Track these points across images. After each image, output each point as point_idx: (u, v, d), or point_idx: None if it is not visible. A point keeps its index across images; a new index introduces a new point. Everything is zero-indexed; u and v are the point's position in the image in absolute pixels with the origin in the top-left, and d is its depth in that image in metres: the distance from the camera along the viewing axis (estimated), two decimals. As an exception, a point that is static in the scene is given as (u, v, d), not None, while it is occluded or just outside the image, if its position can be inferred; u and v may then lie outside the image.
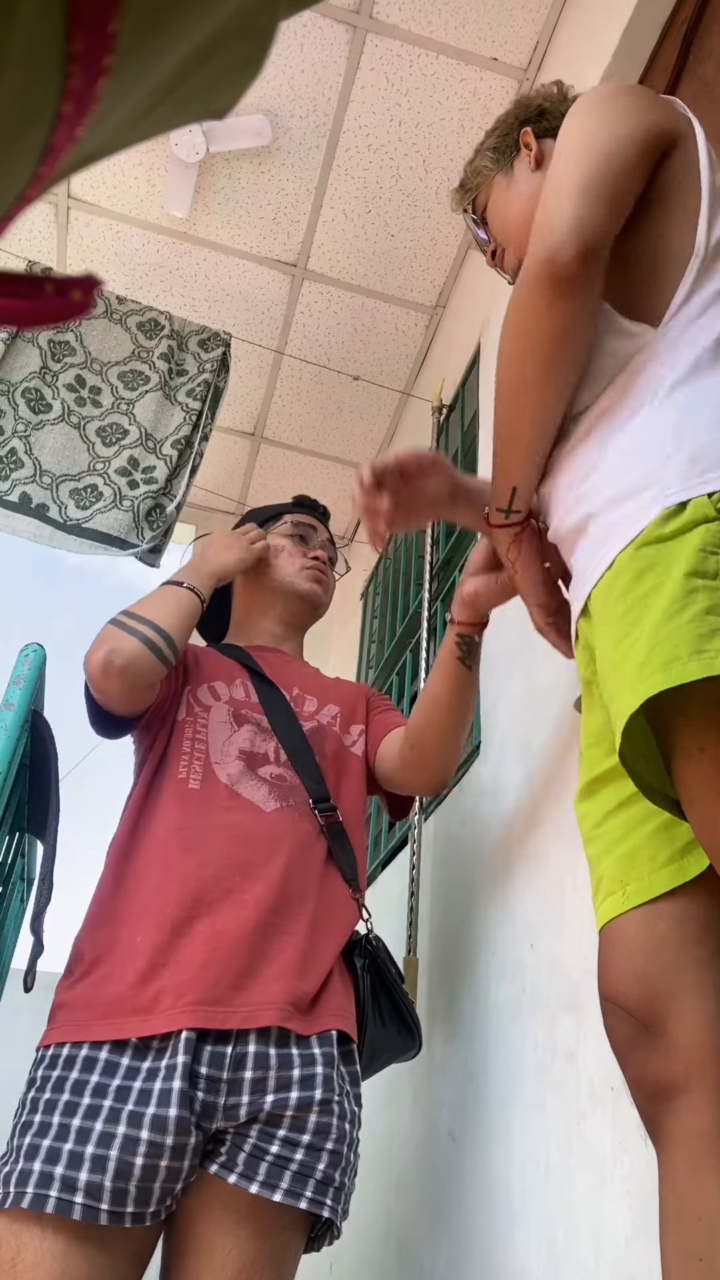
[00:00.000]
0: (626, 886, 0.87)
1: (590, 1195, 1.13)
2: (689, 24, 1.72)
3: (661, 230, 0.96)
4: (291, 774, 1.42)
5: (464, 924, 1.73)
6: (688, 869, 0.84)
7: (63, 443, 2.58)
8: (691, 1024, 0.79)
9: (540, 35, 2.31)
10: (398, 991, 1.41)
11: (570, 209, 0.90)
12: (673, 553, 0.78)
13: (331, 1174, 1.15)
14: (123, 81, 0.20)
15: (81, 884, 1.43)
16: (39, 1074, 1.17)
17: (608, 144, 0.93)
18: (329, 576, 1.71)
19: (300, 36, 2.39)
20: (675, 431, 0.84)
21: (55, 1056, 1.17)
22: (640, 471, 0.85)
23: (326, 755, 1.49)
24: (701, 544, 0.77)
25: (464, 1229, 1.47)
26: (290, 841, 1.33)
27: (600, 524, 0.89)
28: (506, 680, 1.80)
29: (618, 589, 0.82)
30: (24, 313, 0.21)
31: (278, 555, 1.68)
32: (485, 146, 1.27)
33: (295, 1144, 1.14)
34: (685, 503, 0.80)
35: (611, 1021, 0.86)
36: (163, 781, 1.39)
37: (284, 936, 1.25)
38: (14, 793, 1.54)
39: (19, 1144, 1.10)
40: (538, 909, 1.43)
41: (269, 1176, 1.11)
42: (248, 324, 3.12)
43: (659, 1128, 0.80)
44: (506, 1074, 1.43)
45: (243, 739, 1.44)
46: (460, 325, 2.81)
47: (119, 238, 2.93)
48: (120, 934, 1.25)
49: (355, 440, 3.55)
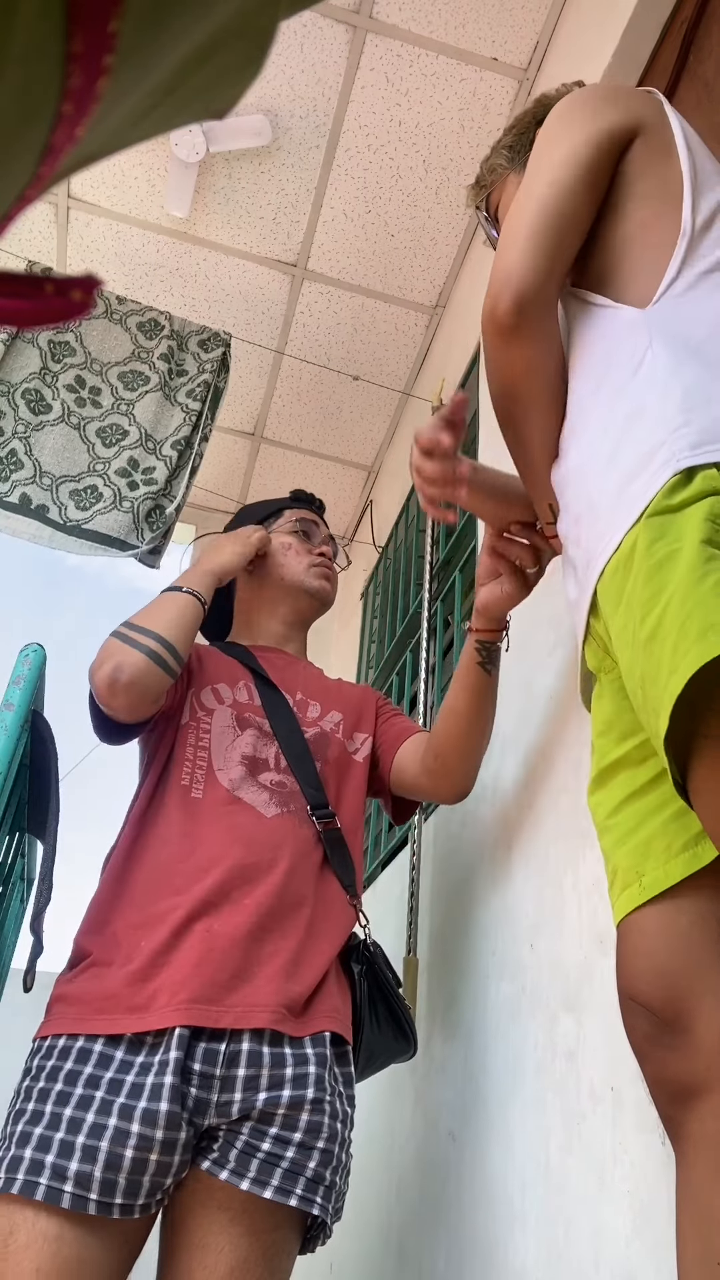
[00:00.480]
0: (643, 878, 0.85)
1: (590, 1195, 1.13)
2: (689, 24, 1.72)
3: (642, 216, 0.98)
4: (291, 780, 1.43)
5: (464, 924, 1.73)
6: (701, 856, 0.82)
7: (63, 444, 2.58)
8: (716, 1023, 0.78)
9: (540, 35, 2.31)
10: (394, 996, 1.42)
11: (510, 260, 0.96)
12: (683, 523, 0.77)
13: (322, 1172, 1.15)
14: (123, 81, 0.20)
15: (81, 884, 1.43)
16: (34, 1063, 1.18)
17: (547, 186, 0.98)
18: (334, 572, 1.72)
19: (300, 36, 2.39)
20: (680, 407, 0.83)
21: (51, 1047, 1.18)
22: (643, 450, 0.84)
23: (329, 762, 1.49)
24: (710, 514, 0.76)
25: (464, 1229, 1.47)
26: (290, 847, 1.34)
27: (603, 509, 0.88)
28: (506, 681, 1.80)
29: (634, 564, 0.80)
30: (24, 313, 0.21)
31: (285, 553, 1.67)
32: (502, 144, 1.28)
33: (287, 1142, 1.14)
34: (693, 474, 0.79)
35: (631, 1019, 0.85)
36: (166, 787, 1.39)
37: (279, 940, 1.26)
38: (14, 793, 1.54)
39: (12, 1130, 1.12)
40: (538, 909, 1.43)
41: (260, 1173, 1.12)
42: (248, 324, 3.12)
43: (679, 1128, 0.79)
44: (506, 1074, 1.43)
45: (245, 744, 1.44)
46: (460, 325, 2.81)
47: (119, 238, 2.93)
48: (121, 935, 1.26)
49: (355, 440, 3.55)
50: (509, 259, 0.97)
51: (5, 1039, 2.66)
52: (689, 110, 1.65)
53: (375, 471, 3.68)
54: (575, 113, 1.02)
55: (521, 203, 0.99)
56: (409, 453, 3.29)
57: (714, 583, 0.71)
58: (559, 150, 1.00)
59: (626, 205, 1.00)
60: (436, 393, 2.78)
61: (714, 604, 0.70)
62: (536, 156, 1.02)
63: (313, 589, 1.65)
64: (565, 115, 1.03)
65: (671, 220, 0.96)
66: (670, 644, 0.72)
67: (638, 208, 0.99)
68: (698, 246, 0.94)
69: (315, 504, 1.79)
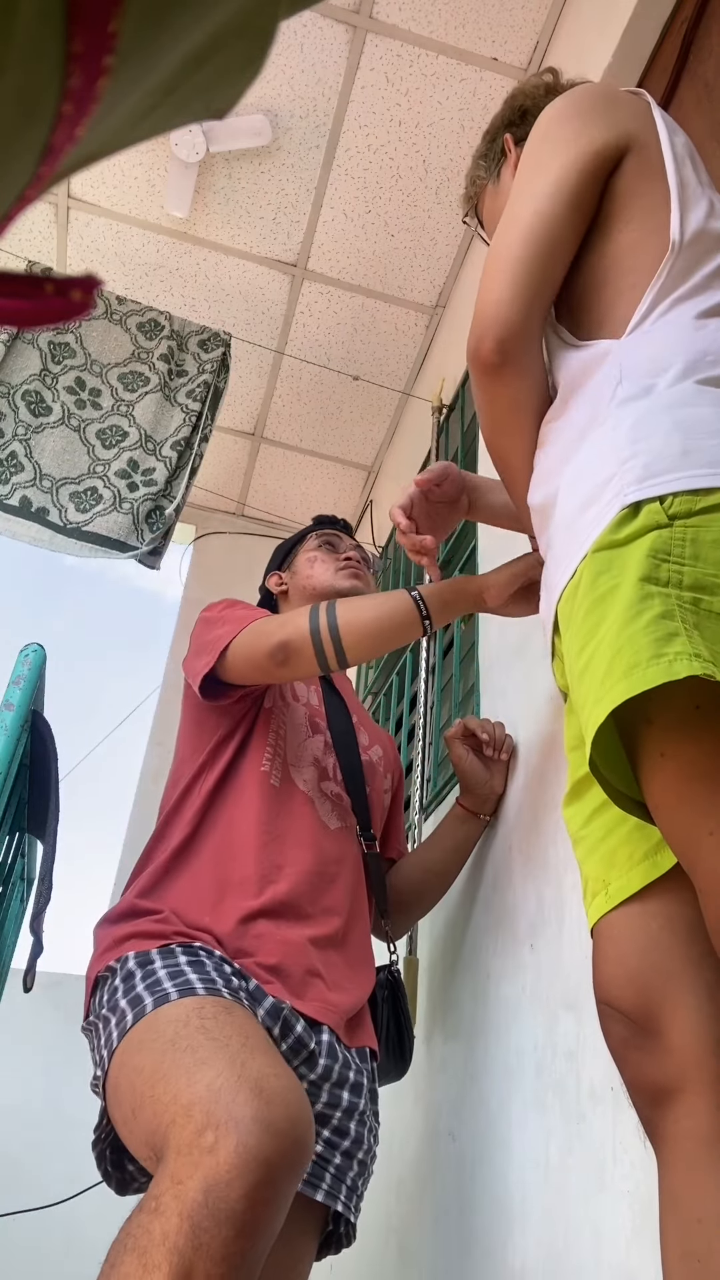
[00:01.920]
0: (609, 886, 0.88)
1: (590, 1195, 1.13)
2: (689, 24, 1.72)
3: (630, 239, 0.97)
4: (347, 796, 1.46)
5: (464, 924, 1.73)
6: (660, 864, 0.84)
7: (63, 446, 2.58)
8: (686, 1025, 0.79)
9: (540, 35, 2.31)
10: (406, 1023, 1.47)
11: (492, 298, 0.96)
12: (626, 558, 0.78)
13: (357, 1182, 1.21)
14: (123, 81, 0.20)
15: (81, 884, 1.43)
16: (132, 965, 1.16)
17: (533, 215, 0.97)
18: (366, 573, 1.72)
19: (300, 36, 2.39)
20: (629, 438, 0.84)
21: (147, 960, 1.17)
22: (598, 479, 0.85)
23: (374, 789, 1.54)
24: (651, 549, 0.77)
25: (464, 1229, 1.47)
26: (349, 862, 1.38)
27: (561, 536, 0.89)
28: (506, 681, 1.80)
29: (579, 595, 0.82)
30: (24, 313, 0.21)
31: (311, 565, 1.69)
32: (478, 154, 1.29)
33: (334, 1146, 1.19)
34: (640, 508, 0.79)
35: (607, 1024, 0.86)
36: (242, 767, 1.40)
37: (333, 953, 1.29)
38: (14, 793, 1.54)
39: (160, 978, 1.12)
40: (538, 909, 1.43)
41: (312, 1175, 1.16)
42: (248, 324, 3.12)
43: (656, 1130, 0.80)
44: (506, 1074, 1.43)
45: (316, 747, 1.47)
46: (460, 325, 2.81)
47: (119, 238, 2.93)
48: (194, 895, 1.26)
49: (355, 440, 3.55)
50: (492, 297, 0.97)
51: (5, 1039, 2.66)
52: (689, 110, 1.65)
53: (375, 472, 3.68)
54: (561, 131, 1.00)
55: (506, 232, 0.98)
56: (409, 453, 3.28)
57: (646, 622, 0.73)
58: (543, 179, 0.98)
59: (613, 226, 0.98)
60: (436, 393, 2.78)
61: (641, 642, 0.72)
62: (521, 181, 1.00)
63: (344, 588, 1.66)
64: (551, 135, 1.00)
65: (656, 243, 0.95)
66: (599, 677, 0.75)
67: (623, 229, 0.97)
68: (676, 270, 0.93)
69: (339, 524, 1.81)
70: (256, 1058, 0.96)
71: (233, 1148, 0.85)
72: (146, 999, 1.08)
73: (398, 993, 1.46)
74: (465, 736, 1.63)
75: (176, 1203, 0.83)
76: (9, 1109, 2.70)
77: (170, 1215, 0.83)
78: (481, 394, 1.02)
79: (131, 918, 1.24)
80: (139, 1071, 1.00)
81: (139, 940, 1.18)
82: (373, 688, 3.06)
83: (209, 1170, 0.84)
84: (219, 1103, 0.89)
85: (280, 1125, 0.89)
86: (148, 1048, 1.01)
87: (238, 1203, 0.83)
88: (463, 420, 2.64)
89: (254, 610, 1.44)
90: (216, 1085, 0.91)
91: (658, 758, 0.74)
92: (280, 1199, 0.87)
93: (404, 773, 1.75)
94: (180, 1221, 0.82)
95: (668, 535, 0.77)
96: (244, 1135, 0.86)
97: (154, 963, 1.13)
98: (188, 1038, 0.99)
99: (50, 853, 1.55)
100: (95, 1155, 1.15)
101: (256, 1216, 0.84)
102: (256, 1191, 0.84)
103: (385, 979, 1.45)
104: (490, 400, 1.01)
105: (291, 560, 1.76)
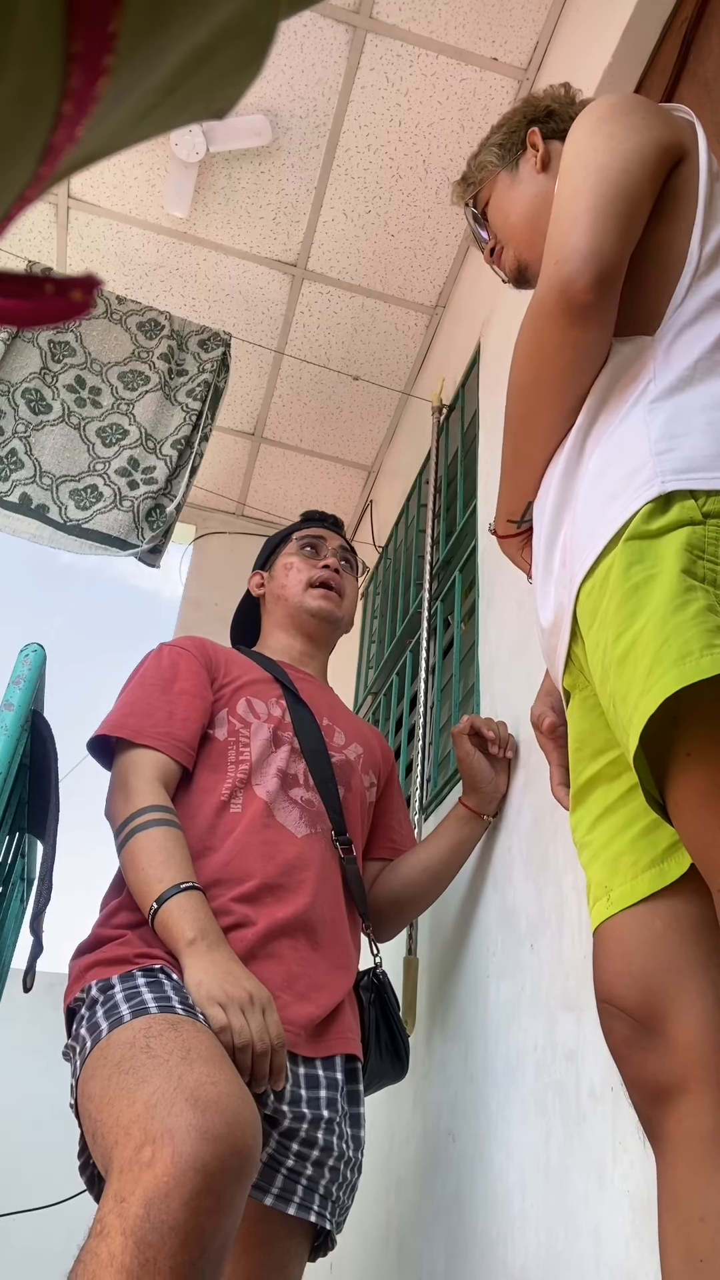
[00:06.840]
0: (611, 892, 0.87)
1: (590, 1195, 1.13)
2: (689, 24, 1.72)
3: (661, 238, 0.96)
4: (318, 800, 1.45)
5: (464, 924, 1.73)
6: (668, 873, 0.83)
7: (63, 443, 2.58)
8: (690, 1024, 0.79)
9: (540, 35, 2.31)
10: (397, 1024, 1.46)
11: (582, 235, 0.89)
12: (661, 549, 0.78)
13: (332, 1189, 1.21)
14: (123, 81, 0.20)
15: (81, 884, 1.44)
16: (108, 986, 1.17)
17: (617, 164, 0.92)
18: (344, 582, 1.69)
19: (300, 36, 2.39)
20: (664, 433, 0.83)
21: (108, 985, 1.17)
22: (626, 471, 0.84)
23: (350, 790, 1.52)
24: (688, 544, 0.76)
25: (464, 1229, 1.47)
26: (317, 868, 1.37)
27: (584, 526, 0.88)
28: (506, 681, 1.80)
29: (610, 585, 0.81)
30: (24, 313, 0.21)
31: (286, 573, 1.67)
32: (491, 142, 1.26)
33: (305, 1159, 1.18)
34: (671, 501, 0.79)
35: (609, 1022, 0.86)
36: (203, 798, 1.38)
37: (294, 963, 1.28)
38: (14, 793, 1.54)
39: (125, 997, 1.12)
40: (538, 909, 1.43)
41: (283, 1189, 1.16)
42: (248, 324, 3.12)
43: (657, 1129, 0.80)
44: (506, 1074, 1.43)
45: (280, 759, 1.45)
46: (460, 325, 2.81)
47: (119, 238, 2.93)
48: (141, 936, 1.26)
49: (355, 440, 3.55)
50: (584, 233, 0.89)
51: (5, 1039, 2.66)
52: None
53: (375, 471, 3.68)
54: (629, 117, 0.97)
55: (588, 179, 0.92)
56: (409, 453, 3.28)
57: (694, 612, 0.72)
58: (622, 145, 0.94)
59: (656, 221, 0.97)
60: (436, 393, 2.78)
61: (692, 633, 0.71)
62: (586, 151, 0.95)
63: (311, 609, 1.64)
64: (624, 113, 0.97)
65: (684, 245, 0.94)
66: (644, 666, 0.73)
67: (659, 226, 0.96)
68: (706, 273, 0.93)
69: (327, 520, 1.78)
70: (195, 1069, 0.96)
71: (169, 1158, 0.86)
72: (103, 1025, 1.09)
73: (384, 996, 1.45)
74: (472, 734, 1.62)
75: (120, 1221, 0.84)
76: (9, 1109, 2.70)
77: (114, 1235, 0.83)
78: (557, 337, 0.92)
79: (96, 947, 1.25)
80: (91, 1099, 1.02)
81: (101, 968, 1.19)
82: (373, 688, 3.06)
83: (148, 1184, 0.85)
84: (154, 1118, 0.90)
85: (217, 1130, 0.89)
86: (99, 1074, 1.03)
87: (179, 1212, 0.83)
88: (463, 420, 2.64)
89: (149, 710, 1.40)
90: (153, 1101, 0.92)
91: (683, 756, 0.73)
92: (225, 1205, 0.87)
93: (396, 763, 1.72)
94: (125, 1240, 0.82)
95: (702, 532, 0.77)
96: (179, 1145, 0.87)
97: (114, 989, 1.14)
98: (131, 1059, 1.00)
99: (50, 853, 1.55)
100: (85, 1180, 1.16)
101: (200, 1224, 0.84)
102: (197, 1199, 0.84)
103: (370, 982, 1.44)
104: (560, 348, 0.92)
105: (274, 561, 1.74)
